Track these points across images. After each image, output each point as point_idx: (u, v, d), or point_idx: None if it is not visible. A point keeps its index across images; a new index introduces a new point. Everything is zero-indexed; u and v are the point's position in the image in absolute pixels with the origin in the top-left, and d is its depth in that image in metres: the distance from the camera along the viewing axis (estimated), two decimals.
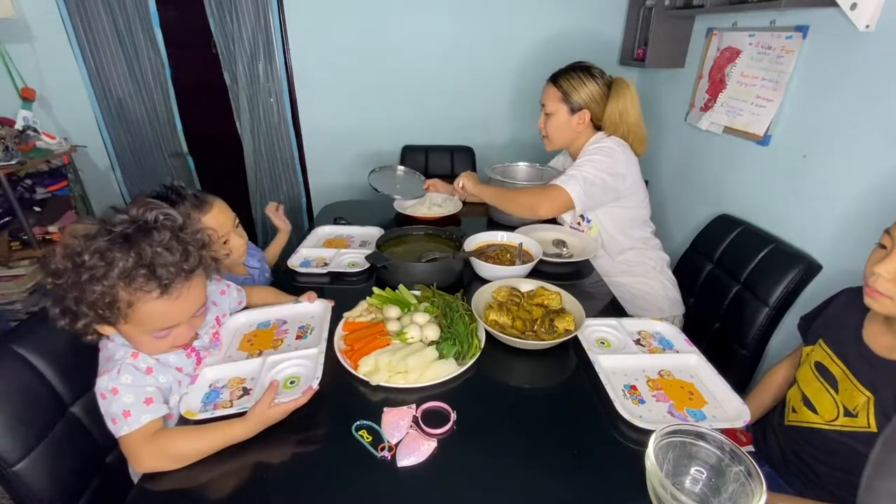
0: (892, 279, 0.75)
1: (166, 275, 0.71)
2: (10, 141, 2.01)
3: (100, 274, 0.69)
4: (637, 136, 1.42)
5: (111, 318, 0.72)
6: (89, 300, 0.70)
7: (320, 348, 0.92)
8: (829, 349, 0.92)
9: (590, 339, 1.02)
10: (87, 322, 0.72)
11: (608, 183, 1.35)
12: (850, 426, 0.83)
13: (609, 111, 1.40)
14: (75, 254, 0.70)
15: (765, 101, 1.54)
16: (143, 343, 0.78)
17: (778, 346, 1.40)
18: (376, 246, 1.31)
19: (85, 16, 2.22)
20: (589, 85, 1.40)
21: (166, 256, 0.72)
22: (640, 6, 2.21)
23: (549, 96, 1.46)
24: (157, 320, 0.75)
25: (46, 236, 2.19)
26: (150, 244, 0.71)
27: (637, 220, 1.46)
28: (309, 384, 0.82)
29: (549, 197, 1.37)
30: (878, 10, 1.16)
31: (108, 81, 2.37)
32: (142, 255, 0.70)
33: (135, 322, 0.74)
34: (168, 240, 0.73)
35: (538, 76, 2.52)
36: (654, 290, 1.45)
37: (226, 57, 2.37)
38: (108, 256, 0.69)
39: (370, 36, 2.35)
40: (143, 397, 0.75)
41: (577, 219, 1.50)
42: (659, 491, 0.60)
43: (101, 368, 0.78)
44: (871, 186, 1.21)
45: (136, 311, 0.72)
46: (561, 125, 1.46)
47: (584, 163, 1.37)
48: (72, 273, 0.70)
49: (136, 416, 0.73)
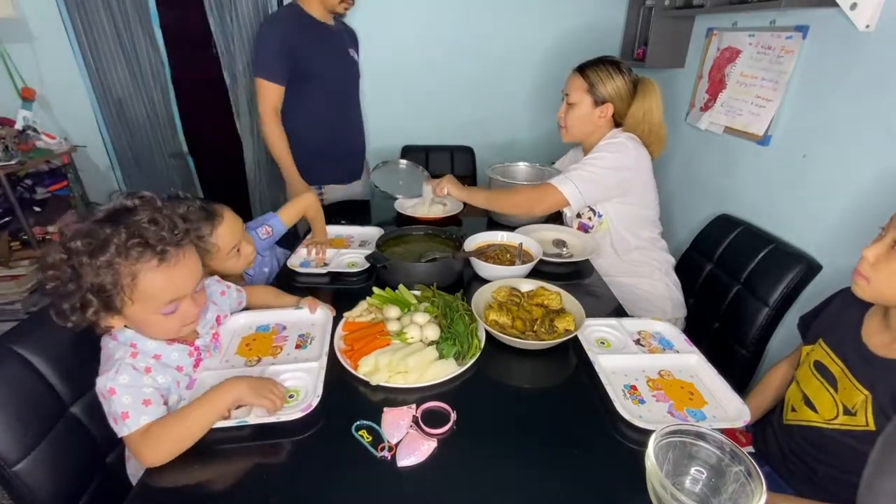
0: (874, 263, 0.78)
1: (160, 243, 0.74)
2: (10, 141, 2.01)
3: (96, 253, 0.70)
4: (658, 137, 1.41)
5: (117, 301, 0.73)
6: (93, 283, 0.71)
7: (321, 363, 0.90)
8: (828, 348, 0.92)
9: (590, 339, 1.02)
10: (95, 310, 0.73)
11: (610, 179, 1.34)
12: (849, 425, 0.83)
13: (633, 110, 1.38)
14: (66, 243, 0.71)
15: (764, 101, 1.54)
16: (153, 325, 0.79)
17: (778, 346, 1.40)
18: (376, 246, 1.31)
19: (85, 16, 2.22)
20: (616, 79, 1.37)
21: (153, 228, 0.74)
22: (640, 6, 2.21)
23: (574, 86, 1.42)
24: (161, 291, 0.76)
25: (46, 236, 2.19)
26: (136, 221, 0.74)
27: (646, 219, 1.45)
28: (308, 401, 0.81)
29: (542, 195, 1.38)
30: (878, 10, 1.16)
31: (108, 81, 2.37)
32: (130, 229, 0.73)
33: (141, 299, 0.75)
34: (151, 216, 0.75)
35: (538, 76, 2.54)
36: (658, 291, 1.44)
37: (226, 57, 2.37)
38: (98, 234, 0.71)
39: (370, 36, 2.35)
40: (141, 399, 0.75)
41: (587, 213, 1.49)
42: (659, 491, 0.60)
43: (101, 368, 0.78)
44: (871, 186, 1.21)
45: (139, 286, 0.73)
46: (583, 116, 1.42)
47: (588, 161, 1.37)
48: (68, 262, 0.71)
49: (135, 417, 0.73)
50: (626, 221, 1.43)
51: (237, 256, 1.14)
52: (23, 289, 2.11)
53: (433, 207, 1.71)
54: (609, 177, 1.34)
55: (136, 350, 0.79)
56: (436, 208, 1.71)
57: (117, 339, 0.80)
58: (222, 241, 1.09)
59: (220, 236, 1.08)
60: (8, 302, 2.10)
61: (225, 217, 1.10)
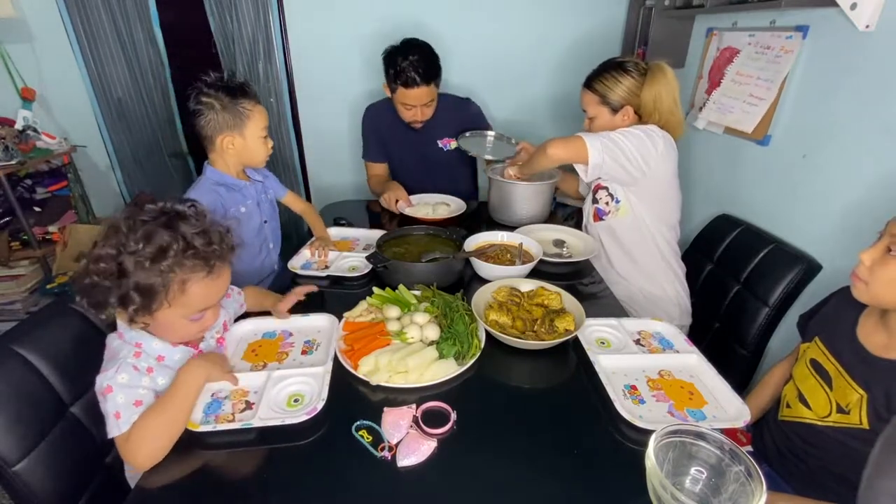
0: (870, 265, 0.79)
1: (211, 256, 0.77)
2: (10, 141, 2.01)
3: (157, 258, 0.72)
4: (670, 123, 1.36)
5: (155, 303, 0.74)
6: (142, 284, 0.72)
7: (326, 367, 0.90)
8: (824, 346, 0.92)
9: (590, 339, 1.02)
10: (136, 307, 0.74)
11: (633, 156, 1.28)
12: (842, 423, 0.84)
13: (644, 99, 1.35)
14: (120, 243, 0.72)
15: (756, 100, 1.54)
16: (176, 328, 0.81)
17: (778, 346, 1.40)
18: (377, 246, 1.31)
19: (85, 16, 2.22)
20: (624, 81, 1.35)
21: (203, 240, 0.77)
22: (640, 6, 2.21)
23: (588, 101, 1.42)
24: (199, 300, 0.78)
25: (46, 236, 2.19)
26: (188, 230, 0.76)
27: (668, 220, 1.43)
28: (314, 405, 0.81)
29: (564, 140, 1.32)
30: (878, 10, 1.16)
31: (108, 81, 2.37)
32: (186, 238, 0.75)
33: (179, 304, 0.76)
34: (202, 227, 0.78)
35: (537, 77, 2.54)
36: (667, 295, 1.44)
37: (226, 57, 2.37)
38: (155, 238, 0.73)
39: (370, 35, 2.35)
40: (133, 399, 0.75)
41: (605, 198, 1.44)
42: (659, 491, 0.60)
43: (103, 366, 0.79)
44: (872, 186, 1.21)
45: (185, 293, 0.75)
46: (605, 126, 1.40)
47: (620, 131, 1.32)
48: (117, 257, 0.72)
49: (127, 418, 0.73)
50: (651, 214, 1.39)
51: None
52: (23, 289, 2.11)
53: (437, 208, 1.71)
54: (634, 153, 1.28)
55: (140, 350, 0.80)
56: (440, 209, 1.71)
57: (123, 338, 0.81)
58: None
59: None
60: (8, 302, 2.10)
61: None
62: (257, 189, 1.38)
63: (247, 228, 1.34)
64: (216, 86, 1.22)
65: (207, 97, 1.20)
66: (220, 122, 1.21)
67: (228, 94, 1.21)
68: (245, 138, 1.25)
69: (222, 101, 1.20)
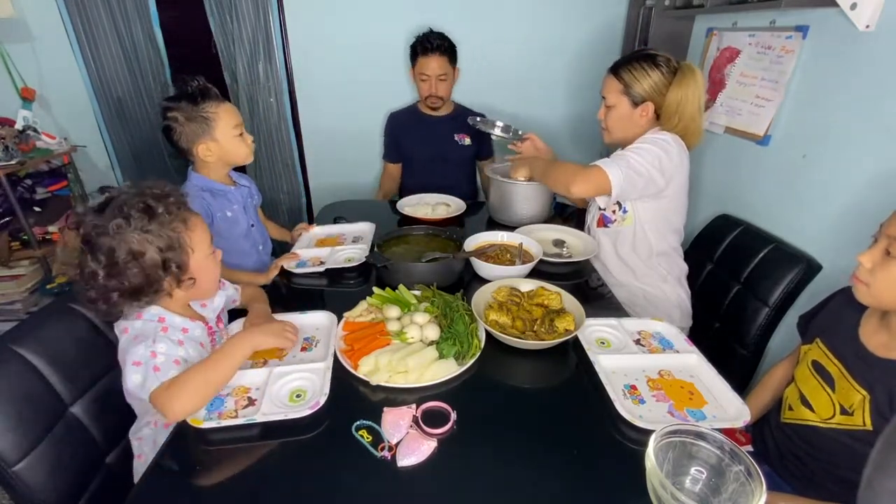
0: (870, 268, 0.79)
1: (176, 195, 0.87)
2: (10, 141, 2.01)
3: (147, 221, 0.80)
4: (690, 129, 1.32)
5: (185, 253, 0.84)
6: (165, 245, 0.81)
7: (327, 363, 0.91)
8: (826, 348, 0.92)
9: (590, 339, 1.02)
10: (178, 265, 0.83)
11: (653, 176, 1.25)
12: (845, 424, 0.83)
13: (669, 100, 1.28)
14: (118, 242, 0.79)
15: (764, 101, 1.54)
16: (210, 268, 0.92)
17: (778, 346, 1.40)
18: (376, 246, 1.31)
19: (85, 16, 2.22)
20: (653, 75, 1.28)
21: (158, 191, 0.86)
22: (640, 6, 2.21)
23: (610, 88, 1.35)
24: (204, 231, 0.90)
25: (46, 236, 2.19)
26: (140, 197, 0.83)
27: (672, 225, 1.40)
28: (316, 399, 0.82)
29: (585, 176, 1.26)
30: (878, 10, 1.16)
31: (108, 81, 2.37)
32: (147, 197, 0.83)
33: (197, 243, 0.87)
34: (140, 192, 0.85)
35: (537, 76, 2.54)
36: (668, 297, 1.43)
37: (226, 57, 2.36)
38: (134, 212, 0.80)
39: (370, 35, 2.35)
40: (173, 359, 0.81)
41: (612, 206, 1.42)
42: (659, 491, 0.60)
43: (127, 347, 0.81)
44: (872, 186, 1.21)
45: (193, 229, 0.87)
46: (622, 118, 1.35)
47: (634, 149, 1.27)
48: (128, 253, 0.79)
49: (165, 371, 0.79)
50: (655, 223, 1.37)
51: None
52: (23, 289, 2.11)
53: (437, 208, 1.72)
54: (653, 173, 1.25)
55: (165, 325, 0.85)
56: (439, 209, 1.72)
57: (142, 318, 0.84)
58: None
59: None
60: (8, 302, 2.10)
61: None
62: (243, 193, 1.38)
63: (235, 232, 1.35)
64: (177, 97, 1.21)
65: (171, 111, 1.19)
66: (188, 134, 1.21)
67: (190, 102, 1.19)
68: (218, 141, 1.24)
69: (185, 112, 1.19)
